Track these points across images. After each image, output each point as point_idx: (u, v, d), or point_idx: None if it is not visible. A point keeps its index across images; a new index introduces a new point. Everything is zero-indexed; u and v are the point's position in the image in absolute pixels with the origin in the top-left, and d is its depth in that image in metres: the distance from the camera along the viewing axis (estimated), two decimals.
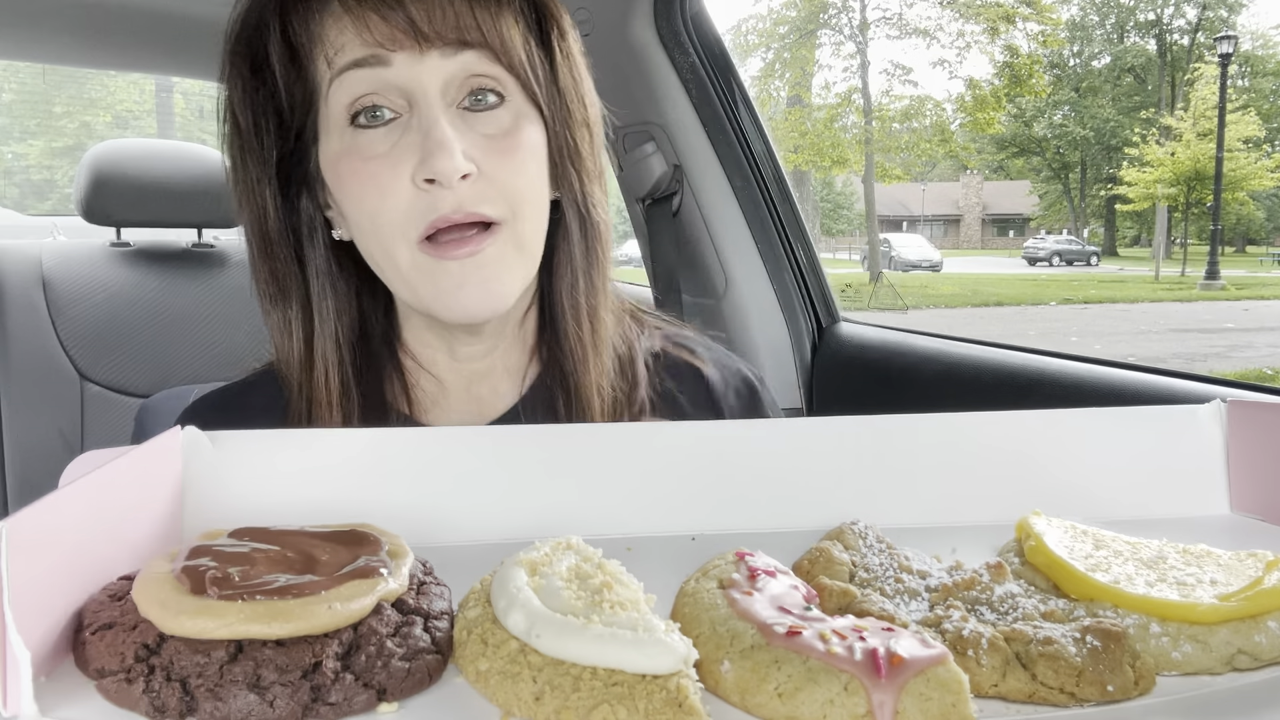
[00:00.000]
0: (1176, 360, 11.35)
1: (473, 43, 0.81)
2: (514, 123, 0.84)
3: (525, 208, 0.85)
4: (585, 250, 0.93)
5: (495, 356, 0.96)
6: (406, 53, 0.80)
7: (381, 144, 0.82)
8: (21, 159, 14.81)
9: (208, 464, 0.67)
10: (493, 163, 0.82)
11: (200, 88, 5.95)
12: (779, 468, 0.73)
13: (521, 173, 0.84)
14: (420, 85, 0.81)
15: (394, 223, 0.82)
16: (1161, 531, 0.65)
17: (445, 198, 0.80)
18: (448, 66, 0.81)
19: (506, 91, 0.84)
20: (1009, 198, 45.36)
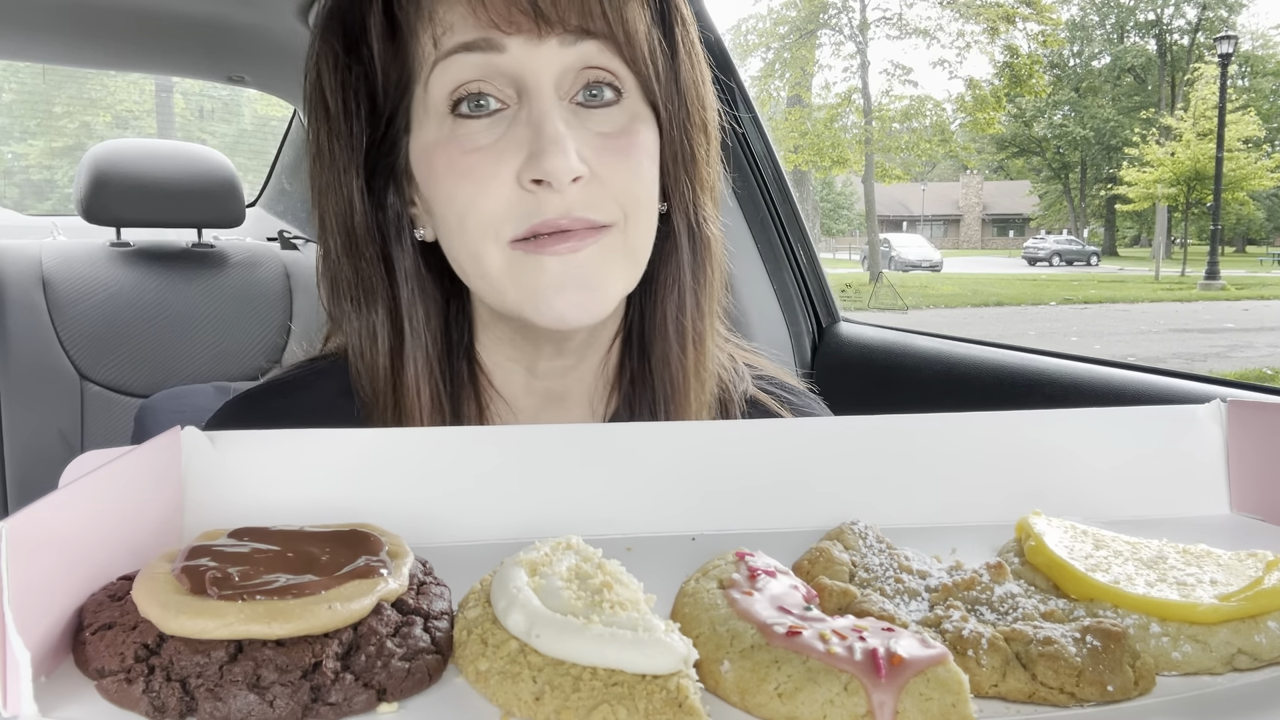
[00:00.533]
0: (1176, 360, 11.35)
1: (596, 32, 0.73)
2: (629, 121, 0.78)
3: (638, 212, 0.78)
4: (695, 268, 0.85)
5: (574, 377, 0.89)
6: (523, 37, 0.72)
7: (485, 136, 0.75)
8: (21, 159, 14.81)
9: (208, 464, 0.67)
10: (606, 164, 0.75)
11: (200, 88, 5.94)
12: (779, 468, 0.73)
13: (636, 176, 0.77)
14: (534, 74, 0.73)
15: (487, 221, 0.75)
16: (1161, 531, 0.65)
17: (552, 201, 0.73)
18: (565, 56, 0.74)
19: (624, 88, 0.77)
20: (1009, 198, 45.38)
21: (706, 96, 0.84)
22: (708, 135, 0.84)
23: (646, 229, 0.80)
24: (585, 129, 0.76)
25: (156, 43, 2.44)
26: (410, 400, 0.83)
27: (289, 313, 2.45)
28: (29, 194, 15.27)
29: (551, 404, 0.91)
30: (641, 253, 0.81)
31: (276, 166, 3.24)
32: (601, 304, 0.78)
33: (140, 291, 2.30)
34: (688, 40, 0.82)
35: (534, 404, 0.90)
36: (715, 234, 0.87)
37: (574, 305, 0.77)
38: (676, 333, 0.86)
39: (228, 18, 2.25)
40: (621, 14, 0.74)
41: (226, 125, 10.71)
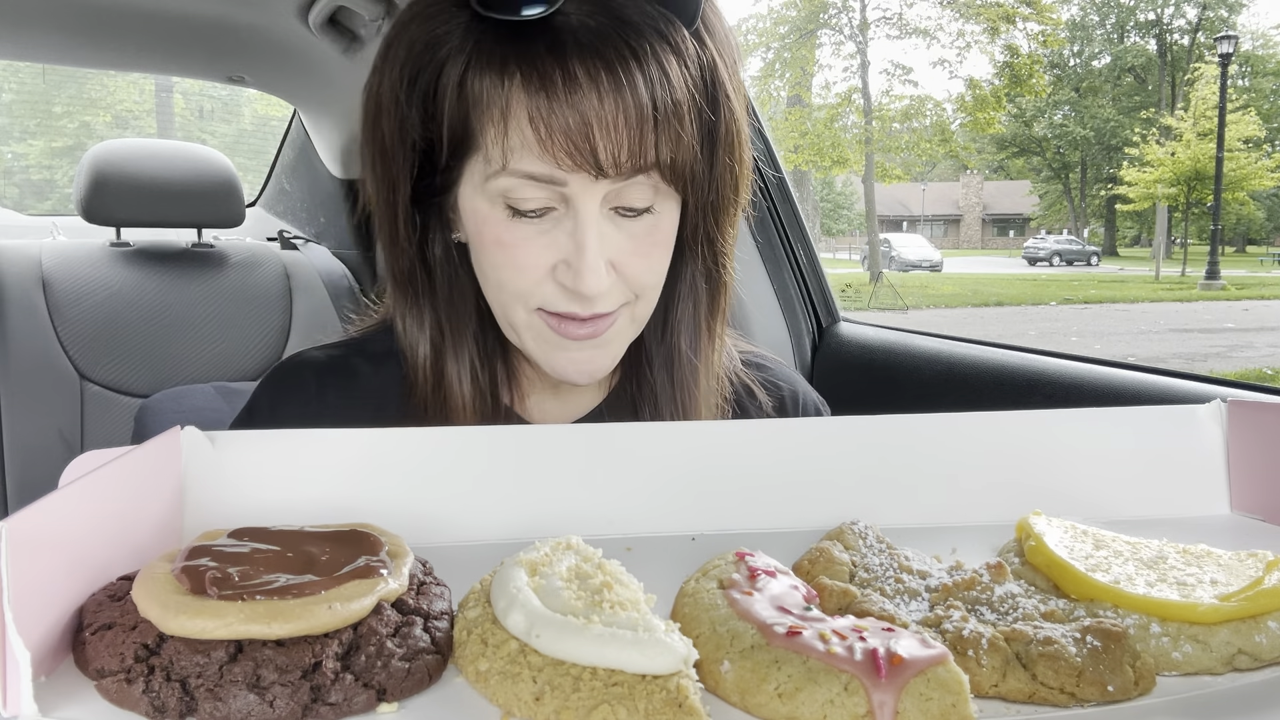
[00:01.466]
0: (1176, 360, 11.35)
1: (647, 168, 0.79)
2: (657, 218, 0.84)
3: (647, 292, 0.87)
4: (710, 306, 0.95)
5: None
6: (582, 175, 0.78)
7: (531, 227, 0.82)
8: (21, 159, 14.81)
9: (208, 464, 0.67)
10: (630, 263, 0.84)
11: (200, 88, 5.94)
12: (779, 468, 0.73)
13: (654, 269, 0.86)
14: (584, 201, 0.80)
15: (520, 292, 0.84)
16: (1161, 531, 0.65)
17: (579, 301, 0.82)
18: (616, 186, 0.80)
19: (657, 197, 0.83)
20: (1009, 198, 45.38)
21: (741, 176, 0.88)
22: (736, 206, 0.90)
23: (652, 301, 0.89)
24: (620, 233, 0.83)
25: (156, 43, 2.43)
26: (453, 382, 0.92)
27: (289, 313, 2.45)
28: (29, 194, 15.27)
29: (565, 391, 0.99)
30: (643, 318, 0.90)
31: (276, 166, 3.24)
32: (604, 369, 0.89)
33: (140, 291, 2.30)
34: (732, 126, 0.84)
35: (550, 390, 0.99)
36: (727, 270, 0.95)
37: (580, 369, 0.87)
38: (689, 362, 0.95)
39: (228, 18, 2.25)
40: (676, 149, 0.80)
41: (226, 125, 10.71)
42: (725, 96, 0.83)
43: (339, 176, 2.87)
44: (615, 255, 0.83)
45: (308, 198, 3.08)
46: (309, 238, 2.92)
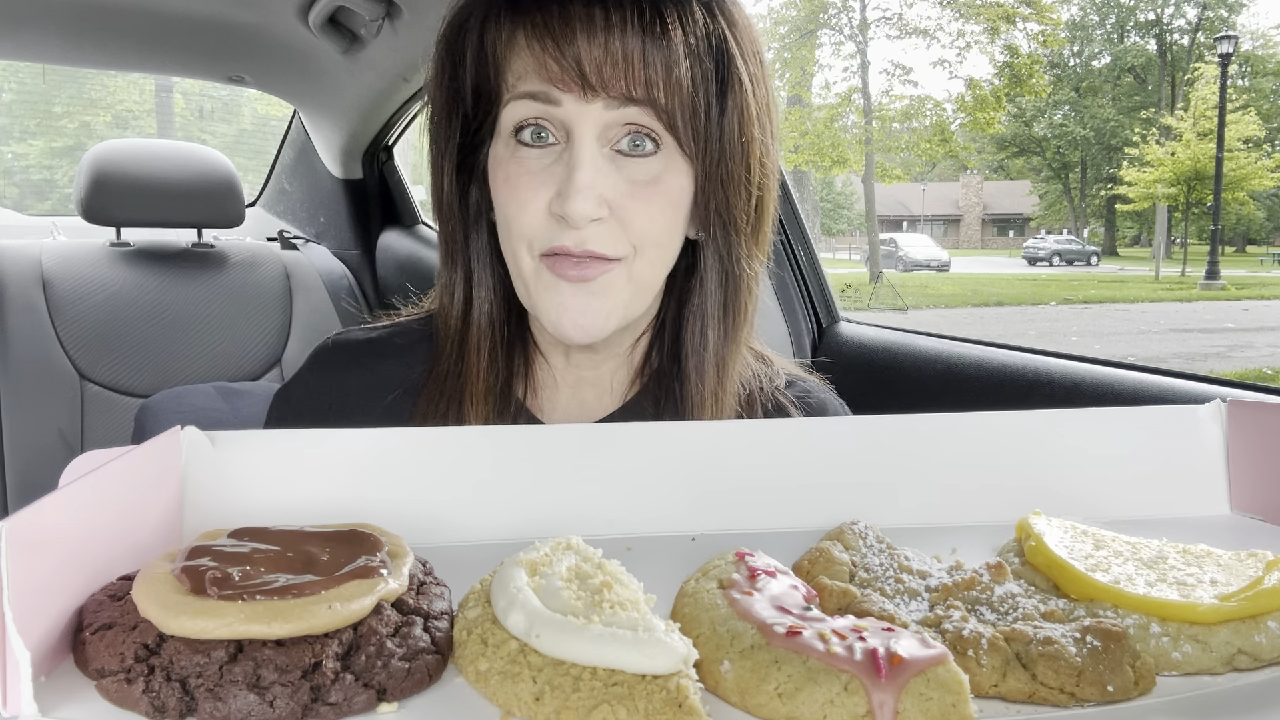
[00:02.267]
0: (1176, 360, 11.35)
1: (638, 99, 0.83)
2: (662, 171, 0.87)
3: (648, 249, 0.88)
4: (723, 302, 0.95)
5: (605, 370, 1.00)
6: (573, 95, 0.83)
7: (535, 163, 0.86)
8: (21, 159, 14.80)
9: (208, 464, 0.67)
10: (629, 207, 0.85)
11: (200, 88, 5.94)
12: (779, 468, 0.73)
13: (654, 219, 0.87)
14: (579, 126, 0.84)
15: (523, 235, 0.87)
16: (1161, 531, 0.65)
17: (570, 232, 0.85)
18: (608, 115, 0.84)
19: (662, 142, 0.86)
20: (1009, 198, 45.37)
21: (753, 153, 0.90)
22: (747, 188, 0.91)
23: (655, 263, 0.90)
24: (619, 174, 0.86)
25: (156, 43, 2.43)
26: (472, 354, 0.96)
27: (289, 313, 2.46)
28: (29, 194, 15.27)
29: (586, 385, 1.01)
30: (647, 282, 0.91)
31: (276, 166, 3.24)
32: (600, 327, 0.89)
33: (140, 291, 2.30)
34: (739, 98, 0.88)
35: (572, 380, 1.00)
36: (748, 271, 0.95)
37: (575, 326, 0.88)
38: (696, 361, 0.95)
39: (228, 18, 2.25)
40: (667, 80, 0.83)
41: (226, 125, 10.72)
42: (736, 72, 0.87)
43: (339, 176, 2.87)
44: (612, 195, 0.85)
45: (308, 198, 3.08)
46: (309, 238, 2.92)
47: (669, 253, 0.91)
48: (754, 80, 0.90)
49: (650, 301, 0.93)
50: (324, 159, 2.89)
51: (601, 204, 0.84)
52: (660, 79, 0.83)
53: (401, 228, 2.89)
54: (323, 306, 2.50)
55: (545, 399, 1.00)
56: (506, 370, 0.97)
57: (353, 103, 2.55)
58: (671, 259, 0.92)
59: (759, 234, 0.95)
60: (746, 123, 0.89)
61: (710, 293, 0.95)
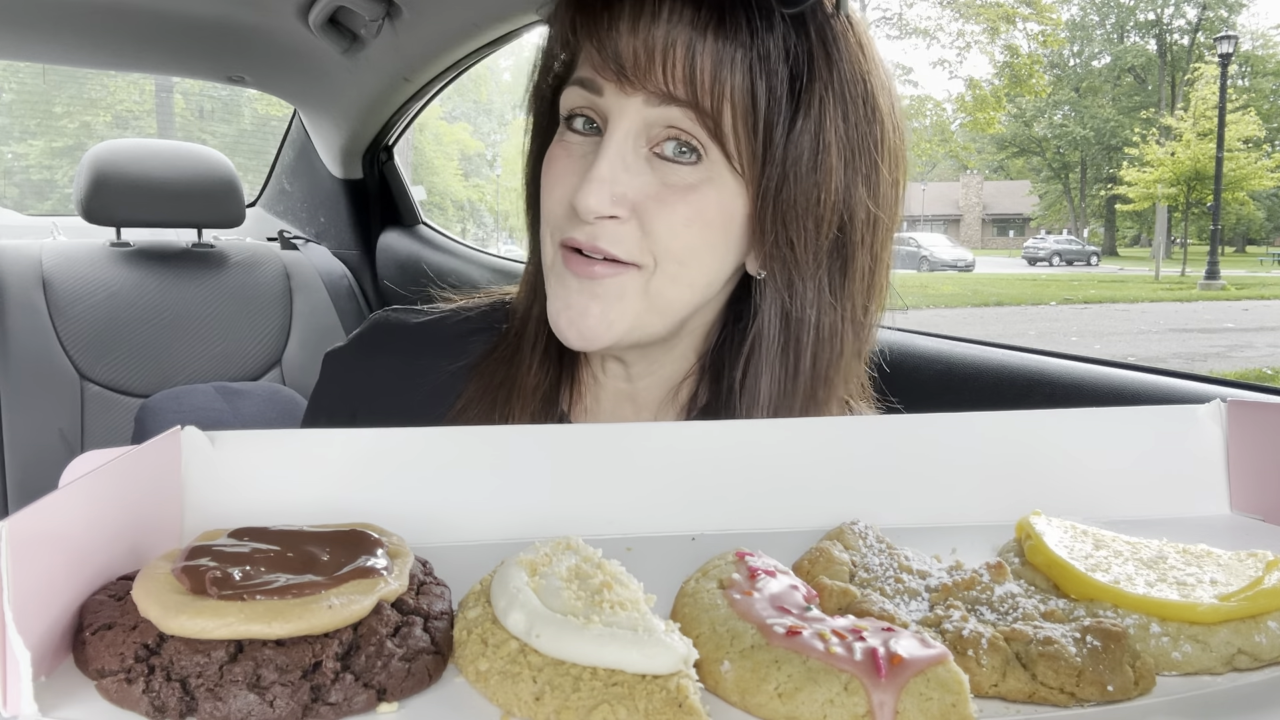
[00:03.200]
0: (1176, 360, 11.35)
1: (680, 99, 0.78)
2: (701, 183, 0.80)
3: (669, 263, 0.81)
4: (782, 348, 0.86)
5: (640, 387, 0.95)
6: (613, 85, 0.80)
7: (577, 149, 0.84)
8: (21, 159, 14.81)
9: (208, 464, 0.67)
10: (652, 211, 0.80)
11: (200, 88, 5.94)
12: (779, 468, 0.73)
13: (678, 231, 0.80)
14: (615, 119, 0.80)
15: (548, 219, 0.86)
16: (1161, 531, 0.65)
17: (584, 226, 0.81)
18: (648, 113, 0.80)
19: (705, 152, 0.80)
20: (1009, 198, 45.37)
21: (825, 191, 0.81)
22: (816, 224, 0.82)
23: (675, 280, 0.83)
24: (652, 176, 0.81)
25: (156, 43, 2.44)
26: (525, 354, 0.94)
27: (289, 313, 2.45)
28: (29, 194, 15.28)
29: (624, 401, 0.97)
30: (666, 302, 0.84)
31: (276, 166, 3.24)
32: (596, 332, 0.83)
33: (140, 291, 2.30)
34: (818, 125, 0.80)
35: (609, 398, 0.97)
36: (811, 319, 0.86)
37: (571, 326, 0.84)
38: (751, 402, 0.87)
39: (228, 18, 2.25)
40: (716, 83, 0.77)
41: (226, 125, 10.72)
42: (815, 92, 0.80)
43: (339, 176, 2.87)
44: (636, 195, 0.80)
45: (308, 198, 3.08)
46: (309, 238, 2.92)
47: (698, 273, 0.83)
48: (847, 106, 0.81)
49: (671, 324, 0.86)
50: (324, 159, 2.89)
51: (619, 202, 0.79)
52: (707, 79, 0.77)
53: (402, 228, 2.89)
54: (323, 306, 2.50)
55: (583, 410, 0.98)
56: (556, 373, 0.95)
57: (353, 103, 2.55)
58: (704, 282, 0.84)
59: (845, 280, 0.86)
60: (822, 150, 0.80)
61: (764, 334, 0.86)
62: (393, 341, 1.02)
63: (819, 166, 0.81)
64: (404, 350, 1.01)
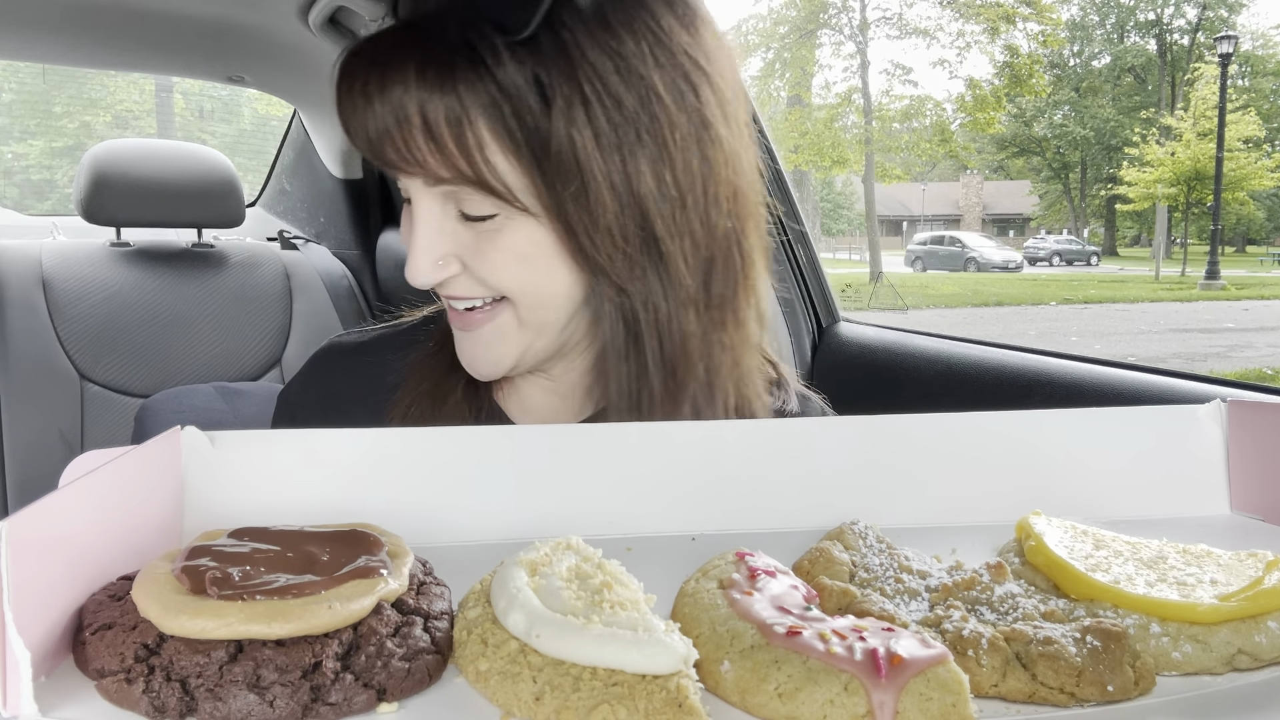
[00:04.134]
0: (1176, 360, 11.36)
1: (443, 178, 0.80)
2: (503, 227, 0.82)
3: (519, 296, 0.85)
4: (635, 349, 0.86)
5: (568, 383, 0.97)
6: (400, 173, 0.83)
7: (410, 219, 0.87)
8: (21, 159, 14.80)
9: (208, 464, 0.67)
10: (476, 261, 0.84)
11: (200, 88, 5.95)
12: (779, 468, 0.73)
13: (507, 270, 0.83)
14: (414, 194, 0.84)
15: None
16: (1161, 531, 0.65)
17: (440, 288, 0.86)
18: (432, 190, 0.82)
19: (499, 207, 0.81)
20: (1009, 198, 45.38)
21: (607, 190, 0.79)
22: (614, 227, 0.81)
23: (534, 307, 0.85)
24: (466, 232, 0.84)
25: (156, 43, 2.43)
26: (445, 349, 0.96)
27: (289, 313, 2.45)
28: (29, 194, 15.28)
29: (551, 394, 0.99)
30: (541, 323, 0.86)
31: (276, 166, 3.24)
32: (496, 365, 0.89)
33: (140, 291, 2.30)
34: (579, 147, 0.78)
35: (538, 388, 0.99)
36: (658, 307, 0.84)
37: (473, 366, 0.90)
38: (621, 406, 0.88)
39: (228, 18, 2.25)
40: (466, 167, 0.78)
41: (226, 125, 10.71)
42: (559, 113, 0.77)
43: (339, 176, 2.87)
44: (461, 251, 0.84)
45: (308, 198, 3.08)
46: (309, 238, 2.92)
47: (549, 294, 0.84)
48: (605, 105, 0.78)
49: (554, 335, 0.88)
50: (324, 159, 2.89)
51: (448, 261, 0.84)
52: (461, 161, 0.77)
53: None
54: (323, 306, 2.50)
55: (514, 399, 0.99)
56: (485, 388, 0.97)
57: None
58: (560, 299, 0.85)
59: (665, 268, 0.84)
60: (584, 161, 0.78)
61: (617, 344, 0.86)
62: (337, 368, 1.05)
63: (588, 177, 0.79)
64: (349, 373, 1.03)
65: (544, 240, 0.82)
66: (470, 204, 0.82)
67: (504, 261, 0.83)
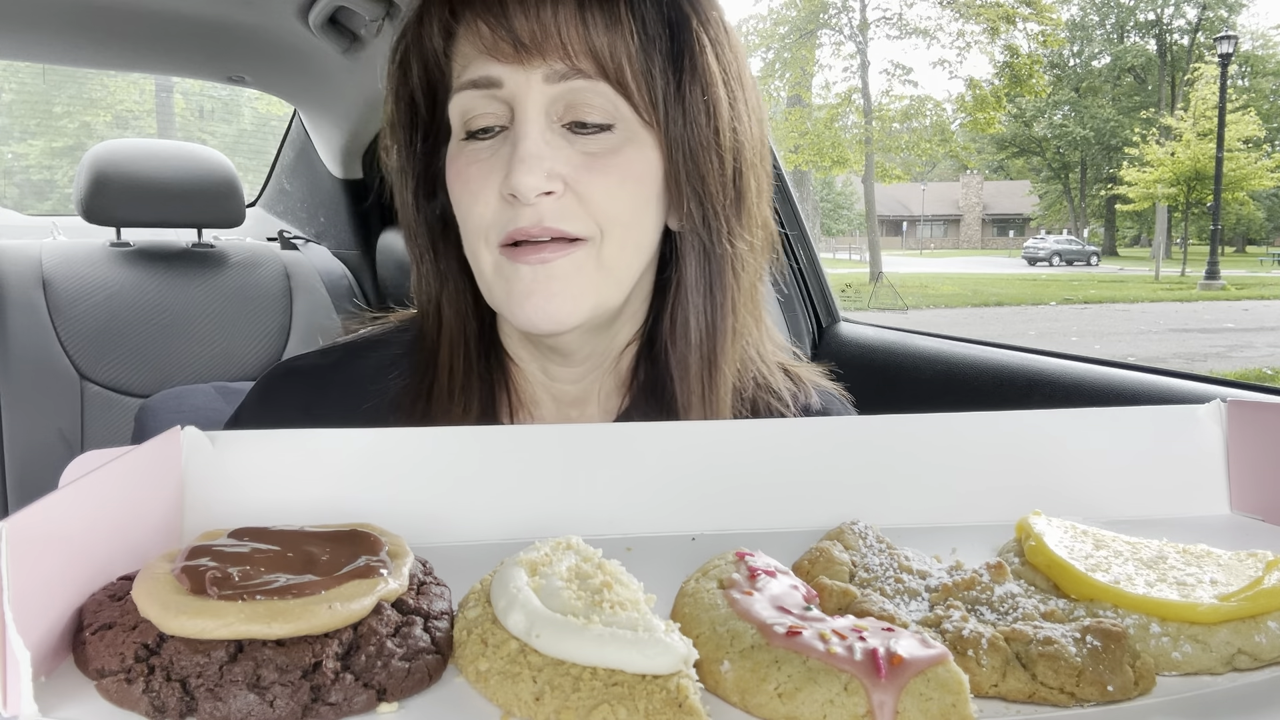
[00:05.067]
0: (1176, 360, 11.36)
1: (583, 71, 0.80)
2: (620, 144, 0.82)
3: (614, 229, 0.83)
4: (707, 288, 0.89)
5: (588, 383, 0.95)
6: (512, 68, 0.80)
7: (483, 153, 0.83)
8: (21, 159, 14.80)
9: (208, 464, 0.67)
10: (585, 181, 0.81)
11: (200, 88, 5.94)
12: (779, 468, 0.73)
13: (615, 195, 0.82)
14: (522, 102, 0.81)
15: (479, 228, 0.84)
16: (1161, 531, 0.65)
17: (525, 212, 0.81)
18: (551, 90, 0.81)
19: (618, 117, 0.82)
20: (1009, 198, 45.38)
21: (722, 119, 0.85)
22: (719, 155, 0.86)
23: (624, 245, 0.84)
24: (572, 149, 0.82)
25: (156, 43, 2.43)
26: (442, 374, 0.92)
27: (289, 313, 2.45)
28: (29, 194, 15.27)
29: (568, 406, 0.96)
30: (617, 267, 0.85)
31: (276, 166, 3.24)
32: (566, 313, 0.83)
33: (140, 291, 2.30)
34: (700, 64, 0.84)
35: (552, 405, 0.96)
36: (731, 250, 0.88)
37: (540, 312, 0.82)
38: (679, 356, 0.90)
39: (228, 18, 2.25)
40: (610, 51, 0.80)
41: (226, 125, 10.71)
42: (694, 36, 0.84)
43: (339, 176, 2.87)
44: (566, 170, 0.81)
45: (308, 198, 3.08)
46: (309, 238, 2.92)
47: (640, 234, 0.85)
48: (715, 44, 0.86)
49: (625, 291, 0.87)
50: (324, 159, 2.89)
51: (553, 178, 0.80)
52: (604, 45, 0.80)
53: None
54: (323, 306, 2.50)
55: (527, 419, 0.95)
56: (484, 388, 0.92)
57: (353, 103, 2.55)
58: (646, 243, 0.86)
59: (743, 209, 0.89)
60: (710, 85, 0.84)
61: (691, 277, 0.88)
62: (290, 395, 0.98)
63: (711, 98, 0.84)
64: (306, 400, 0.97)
65: (654, 167, 0.84)
66: (590, 109, 0.81)
67: (616, 183, 0.82)
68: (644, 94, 0.82)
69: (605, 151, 0.82)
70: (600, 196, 0.81)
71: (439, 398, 0.91)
